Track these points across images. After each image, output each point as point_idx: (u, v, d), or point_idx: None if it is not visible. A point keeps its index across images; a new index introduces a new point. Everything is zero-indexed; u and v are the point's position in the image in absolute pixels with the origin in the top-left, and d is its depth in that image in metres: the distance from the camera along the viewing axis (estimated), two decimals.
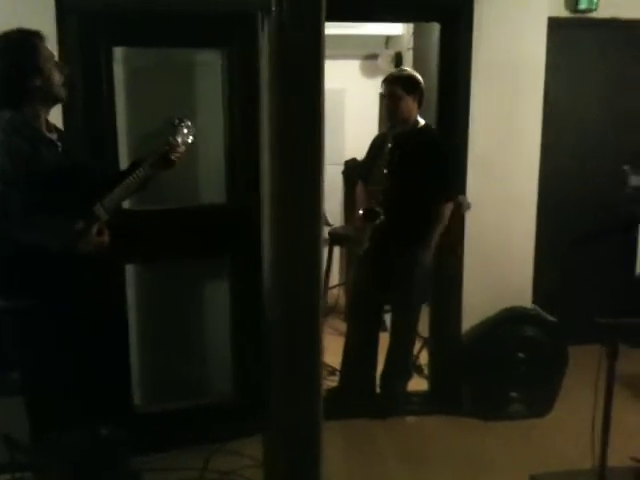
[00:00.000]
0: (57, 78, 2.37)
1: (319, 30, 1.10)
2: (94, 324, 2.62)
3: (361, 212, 3.41)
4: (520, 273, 3.61)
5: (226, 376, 3.36)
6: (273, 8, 1.14)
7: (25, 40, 2.33)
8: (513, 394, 3.53)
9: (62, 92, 2.40)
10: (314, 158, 1.13)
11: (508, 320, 3.55)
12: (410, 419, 3.60)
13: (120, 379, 3.11)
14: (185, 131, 2.52)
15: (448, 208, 3.38)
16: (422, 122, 3.46)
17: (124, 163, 2.94)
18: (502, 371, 3.50)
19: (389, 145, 3.37)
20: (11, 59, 2.31)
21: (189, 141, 2.54)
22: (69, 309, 2.42)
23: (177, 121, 2.53)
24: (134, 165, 2.57)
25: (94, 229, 2.37)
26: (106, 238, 2.41)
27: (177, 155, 2.50)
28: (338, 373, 3.82)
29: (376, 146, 3.59)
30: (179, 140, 2.49)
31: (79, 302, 2.46)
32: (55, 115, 2.56)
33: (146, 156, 2.51)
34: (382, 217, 3.31)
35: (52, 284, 2.34)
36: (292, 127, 1.13)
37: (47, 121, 2.43)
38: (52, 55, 2.38)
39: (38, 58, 2.32)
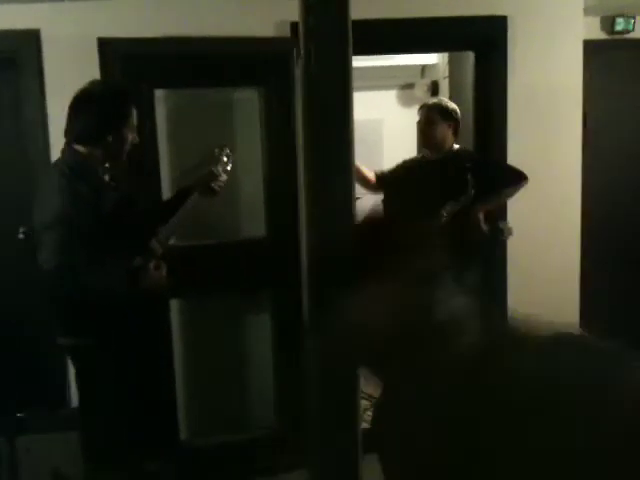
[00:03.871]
0: (127, 143, 2.38)
1: (347, 72, 1.13)
2: (142, 359, 2.67)
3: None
4: (565, 298, 3.55)
5: (270, 409, 3.36)
6: (301, 52, 1.17)
7: (121, 98, 2.37)
8: None
9: (124, 156, 2.41)
10: (347, 193, 1.15)
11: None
12: None
13: (166, 413, 3.15)
14: (225, 159, 2.65)
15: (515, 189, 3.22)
16: (457, 147, 3.42)
17: (166, 195, 3.02)
18: None
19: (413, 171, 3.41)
20: (100, 109, 2.30)
21: (228, 168, 2.66)
22: (122, 345, 2.45)
23: (217, 150, 2.66)
24: (179, 195, 2.64)
25: (152, 264, 2.40)
26: (164, 272, 2.43)
27: (220, 184, 2.61)
28: None
29: (405, 172, 3.56)
30: (220, 169, 2.62)
31: (130, 338, 2.49)
32: None
33: (192, 186, 2.60)
34: None
35: (110, 322, 2.37)
36: (323, 158, 1.16)
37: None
38: (133, 120, 2.39)
39: (124, 122, 2.34)
